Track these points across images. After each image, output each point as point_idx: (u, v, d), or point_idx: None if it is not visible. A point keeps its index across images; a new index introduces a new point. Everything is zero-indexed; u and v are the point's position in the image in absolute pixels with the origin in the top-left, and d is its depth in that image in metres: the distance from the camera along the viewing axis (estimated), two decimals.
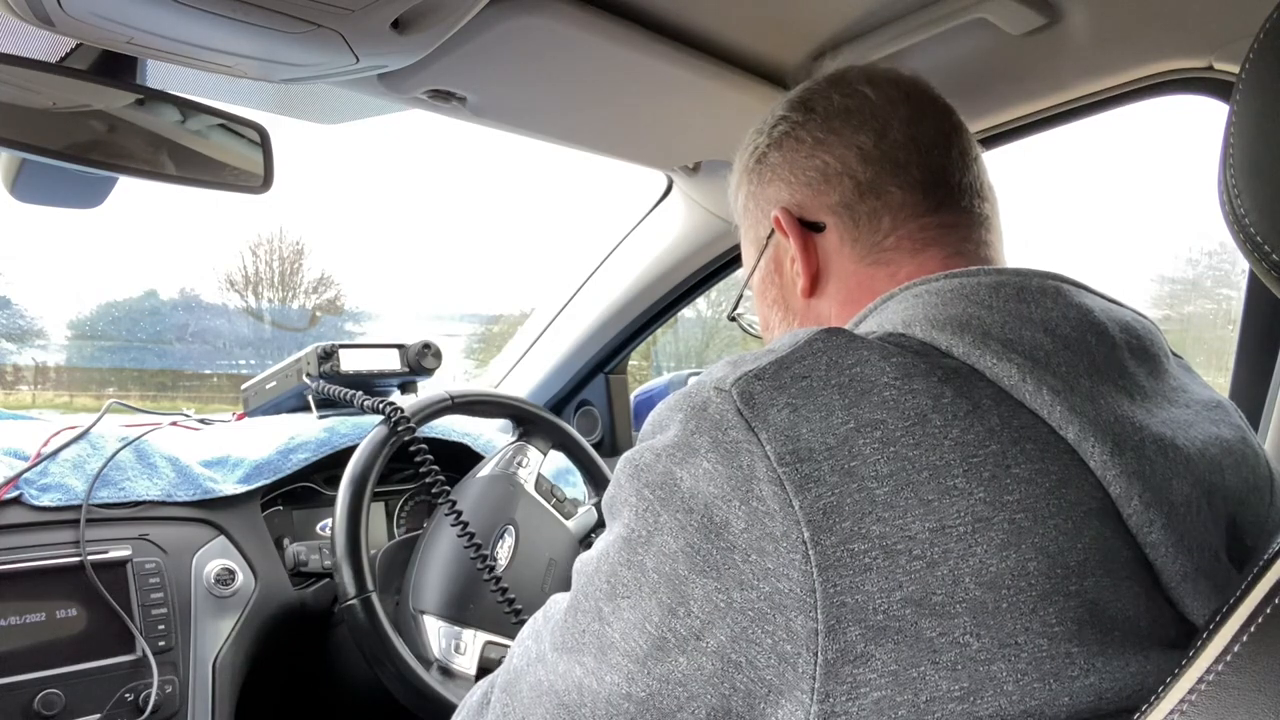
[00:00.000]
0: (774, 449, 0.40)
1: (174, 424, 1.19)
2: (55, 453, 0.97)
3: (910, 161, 0.58)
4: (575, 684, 0.45)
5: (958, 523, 0.38)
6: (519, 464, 1.16)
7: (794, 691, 0.38)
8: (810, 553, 0.38)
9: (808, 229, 0.60)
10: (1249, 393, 0.96)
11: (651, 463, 0.44)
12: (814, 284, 0.60)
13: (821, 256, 0.60)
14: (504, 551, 1.07)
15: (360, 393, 1.14)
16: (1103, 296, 0.53)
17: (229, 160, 0.88)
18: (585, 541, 1.17)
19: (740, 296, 0.72)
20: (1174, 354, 0.55)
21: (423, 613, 1.00)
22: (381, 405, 1.06)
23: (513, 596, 1.01)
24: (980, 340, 0.44)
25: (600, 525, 1.21)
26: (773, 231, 0.63)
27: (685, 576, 0.41)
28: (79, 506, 0.93)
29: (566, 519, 1.17)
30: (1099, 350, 0.47)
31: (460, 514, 1.02)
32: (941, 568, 0.38)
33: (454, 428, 1.31)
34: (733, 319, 0.76)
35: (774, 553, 0.39)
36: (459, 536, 1.01)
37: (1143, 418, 0.44)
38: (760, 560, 0.39)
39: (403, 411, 1.05)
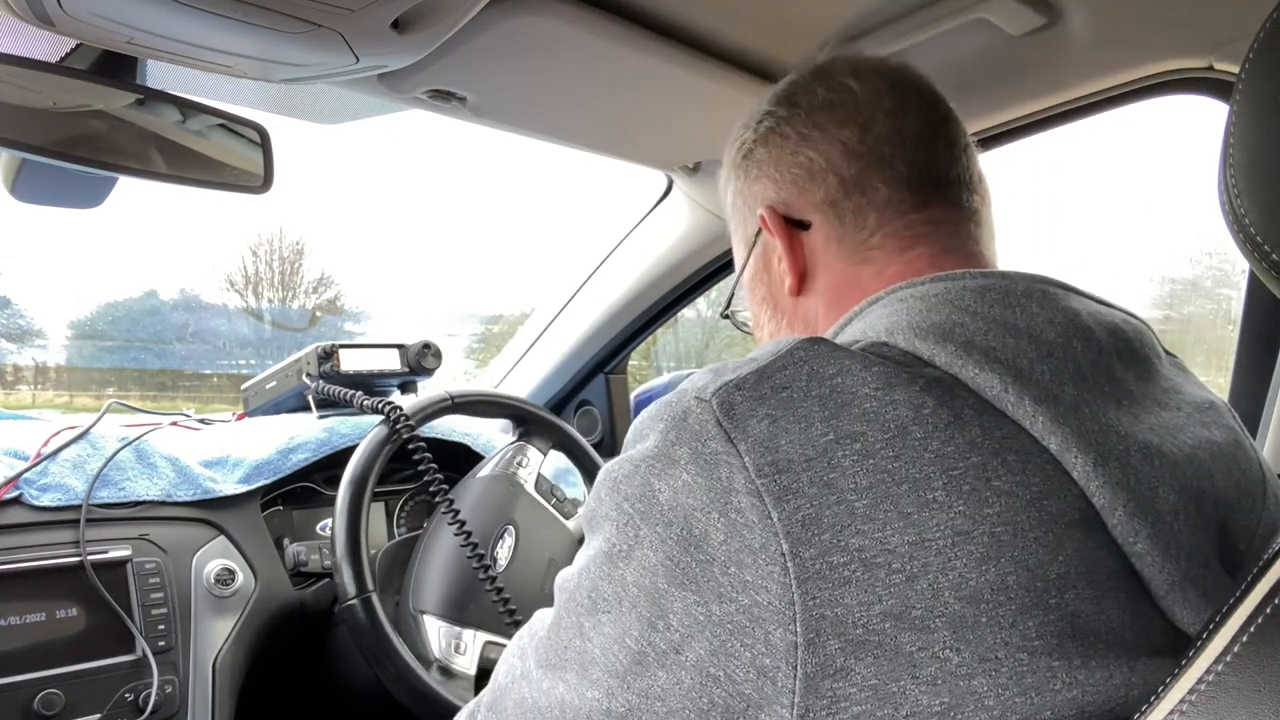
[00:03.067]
0: (752, 460, 0.39)
1: (174, 424, 1.19)
2: (55, 453, 0.97)
3: (895, 156, 0.57)
4: (558, 701, 0.45)
5: (937, 536, 0.38)
6: (519, 464, 1.16)
7: (773, 706, 0.38)
8: (789, 565, 0.37)
9: (794, 227, 0.59)
10: (1249, 393, 0.96)
11: (630, 474, 0.44)
12: (801, 282, 0.60)
13: (808, 255, 0.59)
14: (504, 552, 1.07)
15: (360, 393, 1.14)
16: (1090, 298, 0.52)
17: (229, 160, 0.88)
18: (585, 541, 1.17)
19: (733, 294, 0.72)
20: (1168, 353, 0.54)
21: (423, 613, 1.00)
22: (381, 405, 1.06)
23: (509, 599, 1.00)
24: (962, 350, 0.44)
25: None
26: (760, 230, 0.62)
27: (665, 590, 0.40)
28: (79, 506, 0.93)
29: (566, 519, 1.17)
30: (1085, 356, 0.46)
31: (459, 514, 1.02)
32: (921, 581, 0.37)
33: (454, 428, 1.31)
34: (725, 316, 0.75)
35: (752, 565, 0.38)
36: (456, 537, 1.01)
37: (1128, 425, 0.44)
38: (739, 572, 0.39)
39: (403, 410, 1.05)
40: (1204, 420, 0.49)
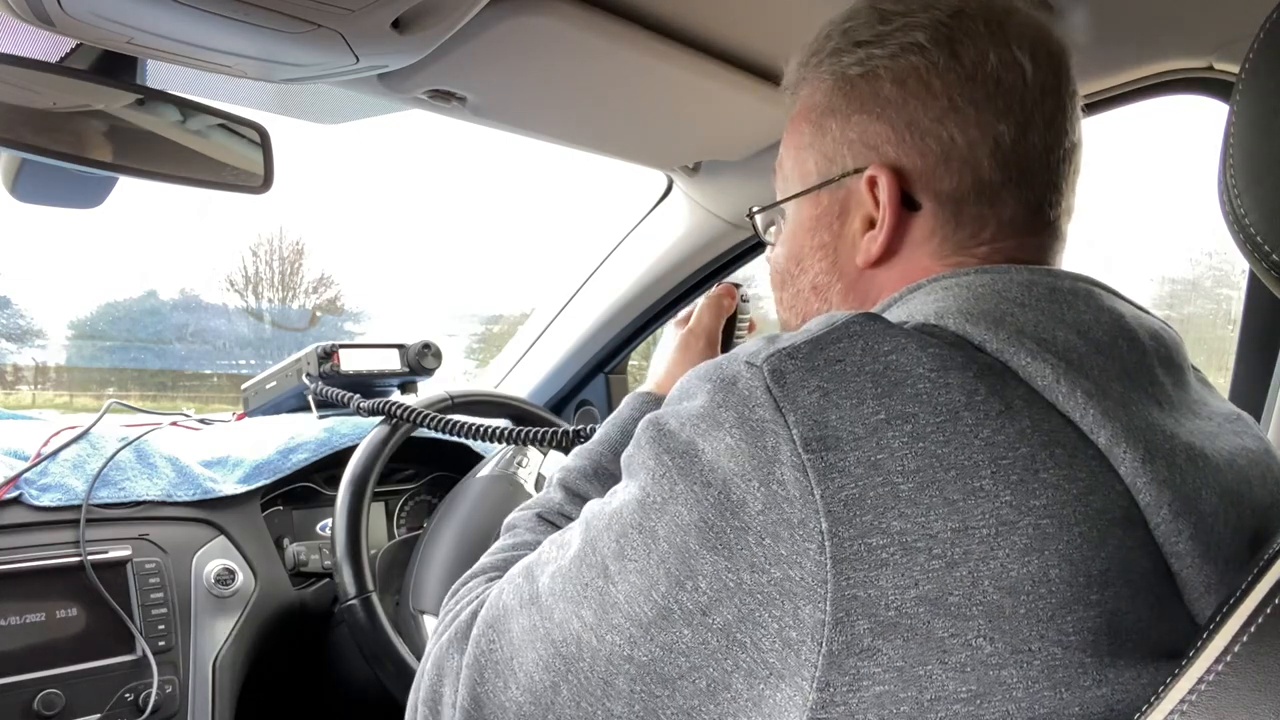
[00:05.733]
0: (800, 433, 0.39)
1: (174, 424, 1.19)
2: (55, 453, 0.97)
3: (1035, 175, 0.52)
4: (573, 636, 0.45)
5: (981, 524, 0.37)
6: (519, 464, 1.16)
7: (794, 677, 0.38)
8: (826, 544, 0.37)
9: (902, 203, 0.52)
10: (1249, 393, 0.96)
11: (675, 429, 0.43)
12: (881, 260, 0.54)
13: (901, 236, 0.53)
14: None
15: (357, 396, 1.14)
16: (1131, 303, 0.52)
17: (229, 160, 0.88)
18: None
19: (772, 207, 0.62)
20: (1193, 367, 0.54)
21: (423, 613, 1.00)
22: (381, 405, 1.06)
23: None
24: (1014, 338, 0.43)
25: None
26: (851, 173, 0.54)
27: (696, 551, 0.40)
28: (79, 506, 0.93)
29: None
30: (1130, 357, 0.46)
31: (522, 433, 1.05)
32: (961, 569, 0.37)
33: None
34: (750, 216, 0.67)
35: (789, 539, 0.38)
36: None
37: (1172, 426, 0.44)
38: (774, 545, 0.38)
39: (406, 404, 1.06)
40: (1235, 430, 0.49)
